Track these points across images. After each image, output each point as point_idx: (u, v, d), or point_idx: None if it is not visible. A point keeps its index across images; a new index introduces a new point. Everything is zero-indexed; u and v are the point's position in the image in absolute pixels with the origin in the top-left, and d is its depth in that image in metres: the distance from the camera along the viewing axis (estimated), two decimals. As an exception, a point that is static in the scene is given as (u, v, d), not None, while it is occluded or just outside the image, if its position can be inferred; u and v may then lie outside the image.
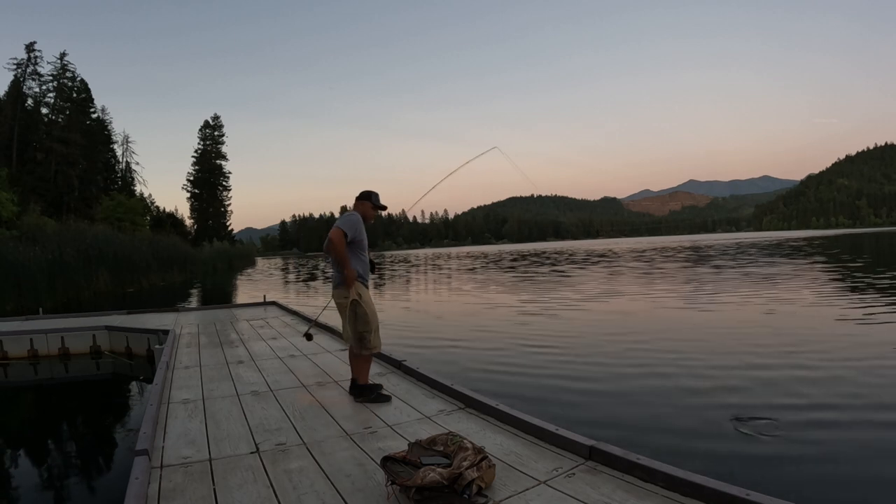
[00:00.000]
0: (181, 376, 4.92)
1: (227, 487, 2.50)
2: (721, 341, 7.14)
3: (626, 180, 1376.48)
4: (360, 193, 4.06)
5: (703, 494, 2.17)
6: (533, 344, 7.43)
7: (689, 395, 4.85)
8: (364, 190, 4.07)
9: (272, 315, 9.43)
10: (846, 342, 6.75)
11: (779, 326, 7.95)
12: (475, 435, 3.04)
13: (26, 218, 24.44)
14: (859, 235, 72.64)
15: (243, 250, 59.16)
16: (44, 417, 5.56)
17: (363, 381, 3.92)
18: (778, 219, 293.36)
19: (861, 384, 4.93)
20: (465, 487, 2.23)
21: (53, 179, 40.36)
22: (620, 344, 7.21)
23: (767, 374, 5.38)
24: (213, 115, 70.79)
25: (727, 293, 12.29)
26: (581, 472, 2.54)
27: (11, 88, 41.91)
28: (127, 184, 53.30)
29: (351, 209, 4.05)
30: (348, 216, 3.84)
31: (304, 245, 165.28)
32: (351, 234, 3.73)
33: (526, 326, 9.06)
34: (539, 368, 6.00)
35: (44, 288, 16.05)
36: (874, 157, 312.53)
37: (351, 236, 3.74)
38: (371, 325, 3.79)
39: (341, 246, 3.69)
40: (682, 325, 8.58)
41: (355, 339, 3.81)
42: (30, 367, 7.39)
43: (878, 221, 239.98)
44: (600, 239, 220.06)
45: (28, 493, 3.60)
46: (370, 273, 3.97)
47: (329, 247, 3.72)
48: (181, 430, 3.36)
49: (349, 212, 3.97)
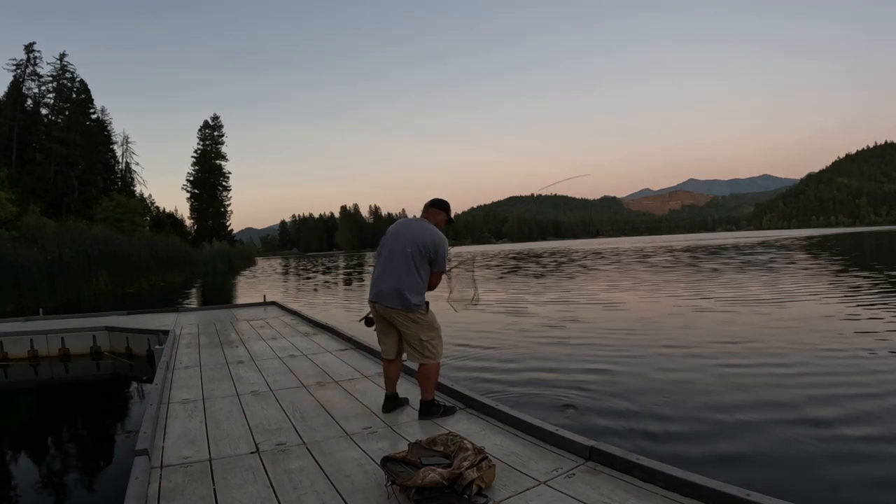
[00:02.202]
0: (181, 376, 4.92)
1: (227, 487, 2.50)
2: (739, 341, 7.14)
3: (625, 179, 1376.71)
4: (435, 201, 3.56)
5: (702, 494, 2.17)
6: (532, 344, 7.43)
7: (699, 395, 4.85)
8: (439, 199, 3.57)
9: (272, 315, 9.43)
10: (850, 342, 6.74)
11: (795, 326, 7.94)
12: (475, 435, 3.04)
13: (26, 219, 24.45)
14: (860, 234, 72.62)
15: (243, 250, 59.21)
16: (44, 418, 5.57)
17: (430, 396, 3.46)
18: (778, 218, 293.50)
19: (866, 384, 4.93)
20: (466, 488, 2.23)
21: (53, 180, 40.36)
22: (622, 344, 7.21)
23: (781, 373, 5.38)
24: (213, 115, 70.80)
25: (741, 291, 12.30)
26: (581, 472, 2.54)
27: (11, 89, 41.93)
28: (127, 184, 53.33)
29: (421, 216, 3.56)
30: (443, 242, 3.39)
31: (304, 245, 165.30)
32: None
33: (526, 326, 9.06)
34: (540, 368, 5.99)
35: (44, 289, 16.04)
36: (874, 156, 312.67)
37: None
38: (438, 330, 3.43)
39: (438, 283, 3.46)
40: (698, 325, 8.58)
41: (417, 347, 3.37)
42: (30, 367, 7.39)
43: (878, 220, 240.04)
44: (600, 238, 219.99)
45: (28, 493, 3.60)
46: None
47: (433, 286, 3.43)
48: (181, 430, 3.36)
49: (427, 223, 3.47)
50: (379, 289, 3.38)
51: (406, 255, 3.32)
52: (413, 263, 3.31)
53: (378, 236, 3.81)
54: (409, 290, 3.28)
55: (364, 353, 5.63)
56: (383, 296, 3.34)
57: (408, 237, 3.37)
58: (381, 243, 3.54)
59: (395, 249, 3.37)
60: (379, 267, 3.44)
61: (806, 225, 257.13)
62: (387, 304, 3.33)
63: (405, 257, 3.32)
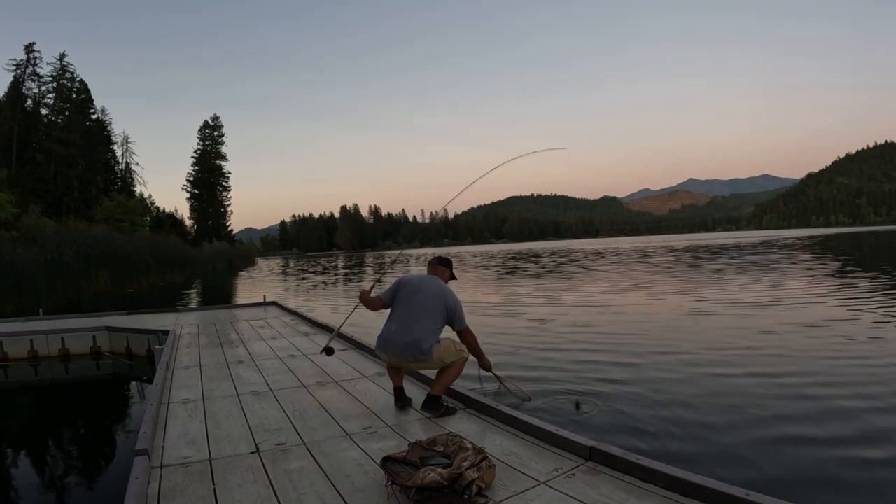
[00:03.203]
0: (181, 376, 4.92)
1: (227, 487, 2.50)
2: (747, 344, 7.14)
3: (625, 179, 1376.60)
4: (441, 259, 3.86)
5: (702, 494, 2.17)
6: (532, 345, 7.43)
7: (696, 397, 4.85)
8: (444, 257, 3.90)
9: (272, 315, 9.43)
10: (858, 347, 6.74)
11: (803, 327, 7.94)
12: (475, 435, 3.04)
13: (26, 219, 24.46)
14: (860, 234, 72.65)
15: (243, 250, 59.24)
16: (44, 418, 5.57)
17: (440, 392, 3.58)
18: (778, 217, 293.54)
19: (862, 384, 4.93)
20: (466, 488, 2.23)
21: (53, 180, 40.37)
22: (622, 344, 7.21)
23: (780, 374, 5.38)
24: (213, 115, 70.81)
25: (754, 291, 12.30)
26: (581, 472, 2.54)
27: (11, 89, 41.94)
28: (127, 184, 53.36)
29: (429, 272, 3.81)
30: (456, 301, 3.60)
31: (303, 245, 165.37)
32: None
33: (526, 326, 9.06)
34: (540, 368, 5.99)
35: (44, 289, 16.05)
36: (874, 156, 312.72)
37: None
38: (450, 349, 3.58)
39: (475, 340, 3.68)
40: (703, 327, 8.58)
41: (444, 367, 3.59)
42: (30, 368, 7.39)
43: (878, 220, 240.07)
44: (600, 238, 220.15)
45: (28, 493, 3.60)
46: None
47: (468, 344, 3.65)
48: (181, 430, 3.36)
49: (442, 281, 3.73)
50: (395, 342, 3.51)
51: (429, 310, 3.51)
52: (432, 317, 3.51)
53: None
54: (424, 342, 3.46)
55: (364, 353, 5.63)
56: (400, 349, 3.50)
57: (428, 294, 3.56)
58: (393, 290, 3.69)
59: (416, 303, 3.53)
60: (398, 320, 3.55)
61: (806, 225, 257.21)
62: (405, 359, 3.53)
63: (428, 313, 3.50)
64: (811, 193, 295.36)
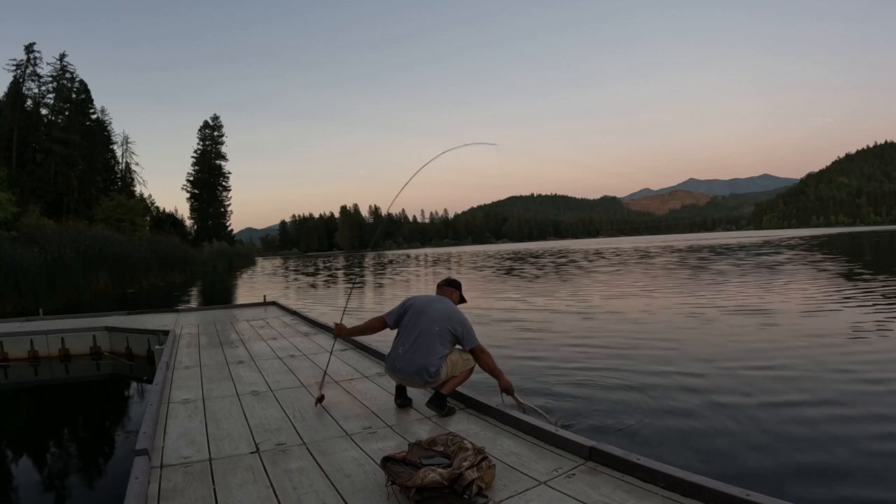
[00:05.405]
0: (181, 376, 4.92)
1: (227, 487, 2.50)
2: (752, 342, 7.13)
3: (625, 179, 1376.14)
4: (450, 280, 3.90)
5: (702, 495, 2.17)
6: (532, 345, 7.42)
7: (693, 394, 4.85)
8: (453, 279, 3.93)
9: (272, 315, 9.43)
10: (844, 346, 6.74)
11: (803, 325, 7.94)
12: (475, 435, 3.04)
13: (26, 219, 24.43)
14: (860, 234, 72.61)
15: (243, 250, 59.27)
16: (44, 418, 5.56)
17: (448, 391, 3.57)
18: (778, 217, 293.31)
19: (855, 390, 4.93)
20: (466, 488, 2.23)
21: (53, 180, 40.37)
22: (622, 344, 7.21)
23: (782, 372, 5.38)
24: (213, 115, 70.74)
25: (758, 290, 12.29)
26: (581, 472, 2.54)
27: (11, 89, 41.95)
28: (127, 184, 53.34)
29: (437, 293, 3.84)
30: (464, 321, 3.60)
31: (303, 245, 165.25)
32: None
33: (525, 327, 9.06)
34: (540, 368, 5.99)
35: (43, 289, 16.05)
36: (874, 155, 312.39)
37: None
38: (458, 361, 3.57)
39: (490, 359, 3.61)
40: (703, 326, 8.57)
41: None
42: (30, 368, 7.39)
43: (878, 220, 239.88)
44: (600, 238, 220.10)
45: (28, 493, 3.60)
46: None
47: (483, 363, 3.61)
48: (181, 430, 3.36)
49: (450, 302, 3.73)
50: (403, 368, 3.52)
51: (434, 333, 3.49)
52: (439, 340, 3.49)
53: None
54: (431, 366, 3.46)
55: (364, 353, 5.63)
56: (407, 374, 3.51)
57: (433, 317, 3.53)
58: (400, 311, 3.69)
59: (422, 327, 3.51)
60: (404, 343, 3.55)
61: (806, 225, 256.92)
62: (415, 383, 3.54)
63: (433, 336, 3.49)
64: (811, 193, 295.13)
